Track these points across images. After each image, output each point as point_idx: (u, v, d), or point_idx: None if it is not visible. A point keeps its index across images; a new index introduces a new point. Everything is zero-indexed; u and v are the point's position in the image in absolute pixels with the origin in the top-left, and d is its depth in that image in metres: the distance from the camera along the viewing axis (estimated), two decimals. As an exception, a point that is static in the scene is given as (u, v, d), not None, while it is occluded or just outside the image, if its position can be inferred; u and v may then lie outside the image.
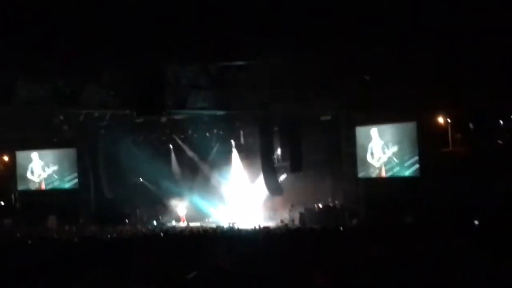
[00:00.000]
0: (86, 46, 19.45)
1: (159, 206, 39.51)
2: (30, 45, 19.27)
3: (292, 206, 35.51)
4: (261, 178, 34.54)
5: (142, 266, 9.87)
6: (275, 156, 34.63)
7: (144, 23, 18.33)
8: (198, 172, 39.70)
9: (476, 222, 20.31)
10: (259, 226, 30.07)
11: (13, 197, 39.70)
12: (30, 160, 39.34)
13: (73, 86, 26.04)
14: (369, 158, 31.48)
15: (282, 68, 26.93)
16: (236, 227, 30.53)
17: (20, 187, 39.35)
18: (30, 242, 20.82)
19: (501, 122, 28.70)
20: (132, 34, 18.72)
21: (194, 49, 19.86)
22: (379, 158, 31.11)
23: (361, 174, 31.78)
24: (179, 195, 39.08)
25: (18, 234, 27.90)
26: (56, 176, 38.80)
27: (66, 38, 18.95)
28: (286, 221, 34.20)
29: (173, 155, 40.23)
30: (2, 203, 40.38)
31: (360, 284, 7.97)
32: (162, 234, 24.46)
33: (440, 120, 29.74)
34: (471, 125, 28.87)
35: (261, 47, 19.65)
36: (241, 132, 38.58)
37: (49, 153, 39.04)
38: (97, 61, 22.16)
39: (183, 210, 38.80)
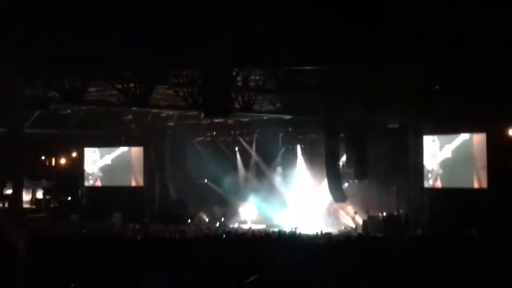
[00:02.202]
0: (156, 47, 19.66)
1: (223, 207, 39.70)
2: (103, 46, 19.57)
3: (356, 213, 35.29)
4: (325, 184, 34.38)
5: (202, 268, 9.93)
6: (340, 163, 34.42)
7: (215, 25, 18.44)
8: (262, 175, 39.77)
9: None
10: (321, 232, 29.95)
11: (80, 193, 40.41)
12: (98, 157, 39.95)
13: (143, 86, 26.40)
14: (436, 168, 31.06)
15: (350, 74, 26.78)
16: (298, 232, 30.45)
17: (87, 183, 40.00)
18: (95, 238, 21.13)
19: None
20: (203, 36, 18.85)
21: (263, 53, 19.89)
22: (447, 168, 30.67)
23: (427, 184, 31.37)
24: (243, 197, 39.22)
25: (84, 230, 28.36)
26: (122, 174, 39.31)
27: (137, 38, 19.18)
28: (348, 229, 34.02)
29: (238, 157, 40.41)
30: (70, 199, 41.16)
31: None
32: (224, 236, 24.59)
33: (510, 132, 29.17)
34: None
35: (332, 54, 19.54)
36: (307, 137, 38.53)
37: (117, 151, 39.59)
38: (167, 63, 22.38)
39: (246, 212, 38.91)
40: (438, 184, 30.78)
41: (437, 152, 30.87)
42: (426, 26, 17.66)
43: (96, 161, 39.70)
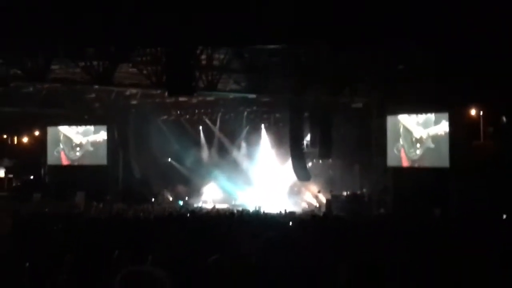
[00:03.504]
0: (120, 26, 19.48)
1: (187, 186, 39.67)
2: (65, 23, 19.35)
3: (319, 192, 35.47)
4: (289, 163, 34.50)
5: (165, 247, 9.88)
6: (305, 142, 34.51)
7: (178, 3, 18.32)
8: (226, 154, 39.77)
9: (504, 217, 20.10)
10: (285, 211, 30.04)
11: (42, 172, 40.05)
12: (61, 136, 39.61)
13: (107, 64, 26.14)
14: (399, 148, 31.27)
15: (315, 54, 26.81)
16: (262, 211, 30.51)
17: (50, 162, 39.66)
18: (57, 218, 20.95)
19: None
20: (166, 15, 18.71)
21: (227, 31, 19.80)
22: (409, 148, 30.89)
23: (390, 164, 31.58)
24: (207, 176, 39.19)
25: (46, 209, 28.11)
26: (85, 153, 39.03)
27: (100, 17, 18.99)
28: (312, 207, 34.17)
29: (202, 136, 40.33)
30: (32, 178, 40.78)
31: (382, 275, 7.90)
32: (188, 215, 24.52)
33: (472, 112, 29.41)
34: (503, 119, 28.51)
35: (295, 33, 19.53)
36: (272, 116, 38.55)
37: (80, 130, 39.27)
38: (131, 41, 22.20)
39: (210, 191, 38.92)
40: (412, 164, 30.84)
41: (409, 133, 30.91)
42: (390, 9, 17.72)
43: (68, 141, 39.42)
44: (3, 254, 10.70)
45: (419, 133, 30.43)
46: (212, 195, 38.83)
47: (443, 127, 29.42)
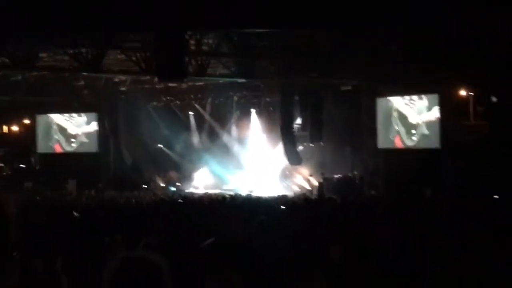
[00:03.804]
0: (108, 12, 19.39)
1: (178, 172, 39.68)
2: (52, 9, 19.24)
3: (311, 175, 35.52)
4: (280, 147, 34.53)
5: (159, 232, 9.89)
6: (295, 126, 34.53)
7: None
8: (217, 139, 39.76)
9: (496, 197, 20.16)
10: (277, 194, 30.07)
11: (33, 160, 39.97)
12: (51, 124, 39.52)
13: (95, 51, 26.05)
14: (389, 129, 31.32)
15: (304, 37, 26.78)
16: (253, 195, 30.55)
17: (40, 150, 39.57)
18: (49, 205, 20.92)
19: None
20: (154, 0, 18.65)
21: (216, 15, 19.74)
22: (400, 129, 30.92)
23: (381, 146, 31.64)
24: (198, 161, 39.21)
25: (38, 197, 28.03)
26: (76, 140, 38.96)
27: (88, 3, 18.91)
28: (304, 191, 34.22)
29: (192, 122, 40.30)
30: (22, 166, 40.68)
31: (375, 256, 7.94)
32: (180, 201, 24.51)
33: (462, 93, 29.46)
34: (493, 99, 28.58)
35: (284, 16, 19.48)
36: (262, 100, 38.54)
37: (70, 117, 39.17)
38: (119, 27, 22.11)
39: (202, 177, 38.95)
40: (403, 146, 30.79)
41: (399, 114, 30.89)
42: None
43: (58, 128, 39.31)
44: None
45: (414, 119, 30.38)
46: (203, 181, 38.86)
47: (435, 112, 29.39)
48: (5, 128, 44.39)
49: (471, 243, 8.81)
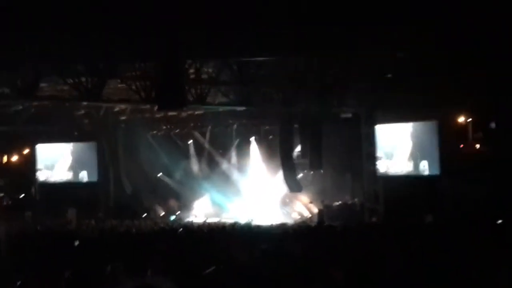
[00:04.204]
0: (108, 41, 19.52)
1: (178, 201, 39.65)
2: (54, 40, 19.37)
3: (311, 203, 35.49)
4: (280, 175, 34.54)
5: (159, 261, 9.88)
6: (295, 153, 34.58)
7: (166, 17, 18.37)
8: (217, 167, 39.78)
9: (499, 221, 20.15)
10: (277, 222, 30.06)
11: (33, 189, 39.92)
12: (50, 153, 39.51)
13: (95, 80, 26.15)
14: (389, 156, 31.34)
15: (303, 65, 26.92)
16: (253, 223, 30.52)
17: (40, 179, 39.52)
18: (50, 235, 20.93)
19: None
20: (154, 29, 18.76)
21: (215, 44, 19.87)
22: (400, 156, 30.96)
23: (380, 173, 31.64)
24: (197, 190, 39.19)
25: (38, 227, 28.01)
26: (76, 169, 38.92)
27: (89, 32, 19.02)
28: (304, 218, 34.19)
29: (192, 150, 40.35)
30: (23, 196, 40.63)
31: (377, 282, 7.95)
32: (180, 229, 24.49)
33: (461, 119, 29.57)
34: (492, 125, 28.67)
35: (284, 45, 19.61)
36: (261, 128, 38.62)
37: (70, 146, 39.17)
38: (119, 56, 22.23)
39: (201, 205, 38.91)
40: (403, 172, 30.78)
41: (399, 141, 30.92)
42: (376, 17, 17.81)
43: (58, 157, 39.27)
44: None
45: (410, 143, 30.44)
46: (203, 209, 38.82)
47: (433, 135, 29.45)
48: (5, 158, 44.39)
49: (472, 268, 8.81)
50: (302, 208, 36.26)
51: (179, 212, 38.68)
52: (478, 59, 22.07)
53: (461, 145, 29.48)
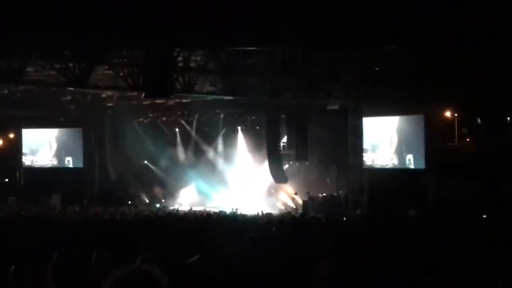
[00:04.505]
0: (96, 27, 19.44)
1: (163, 189, 39.61)
2: (41, 24, 19.26)
3: (296, 194, 35.53)
4: (266, 165, 34.56)
5: (144, 249, 9.88)
6: (281, 144, 34.61)
7: (155, 5, 18.32)
8: (203, 156, 39.74)
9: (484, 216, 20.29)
10: (262, 212, 30.10)
11: (17, 174, 39.76)
12: (36, 138, 39.37)
13: (83, 66, 26.04)
14: (375, 149, 31.41)
15: (291, 56, 26.91)
16: (239, 212, 30.54)
17: (25, 165, 39.38)
18: (33, 221, 20.85)
19: (508, 118, 28.66)
20: (143, 16, 18.70)
21: (204, 33, 19.84)
22: (385, 149, 31.04)
23: (366, 165, 31.71)
24: (183, 178, 39.16)
25: (22, 212, 27.95)
26: (61, 155, 38.81)
27: (77, 18, 18.93)
28: (289, 209, 34.24)
29: (179, 138, 40.29)
30: (7, 180, 40.46)
31: (360, 274, 7.99)
32: (165, 217, 24.50)
33: (448, 114, 29.67)
34: (478, 120, 28.81)
35: (271, 35, 19.60)
36: (248, 118, 38.60)
37: (55, 132, 39.04)
38: (107, 43, 22.15)
39: (187, 194, 38.90)
40: (388, 166, 30.88)
41: (385, 134, 31.00)
42: (365, 11, 17.83)
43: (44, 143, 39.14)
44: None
45: (395, 136, 30.52)
46: (188, 198, 38.80)
47: (420, 129, 29.54)
48: (-10, 142, 44.16)
49: (456, 262, 8.86)
50: (287, 198, 36.31)
51: (164, 200, 38.65)
52: (467, 56, 22.17)
53: (447, 140, 29.56)
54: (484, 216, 20.41)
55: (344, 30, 18.17)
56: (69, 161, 38.61)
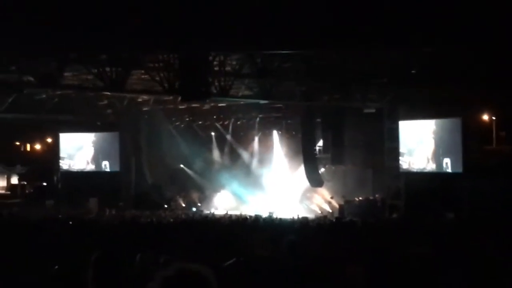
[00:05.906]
0: (133, 32, 19.56)
1: (199, 192, 39.73)
2: (79, 29, 19.43)
3: (332, 198, 35.43)
4: (302, 169, 34.50)
5: (180, 252, 9.92)
6: (317, 148, 34.54)
7: (191, 9, 18.38)
8: (238, 160, 39.81)
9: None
10: (298, 216, 30.03)
11: (55, 178, 40.17)
12: (73, 143, 39.75)
13: (119, 71, 26.20)
14: (411, 153, 31.22)
15: (327, 59, 26.82)
16: (274, 216, 30.52)
17: (62, 169, 39.78)
18: (71, 223, 21.04)
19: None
20: (179, 21, 18.77)
21: (239, 37, 19.85)
22: (422, 153, 30.82)
23: (403, 169, 31.52)
24: (218, 182, 39.24)
25: (59, 216, 28.19)
26: (98, 159, 39.14)
27: (114, 22, 19.06)
28: (325, 213, 34.15)
29: (214, 142, 40.41)
30: (45, 184, 40.92)
31: (395, 279, 7.92)
32: (201, 221, 24.56)
33: (485, 117, 29.37)
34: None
35: (307, 38, 19.54)
36: (284, 122, 38.59)
37: (92, 136, 39.39)
38: (144, 47, 22.27)
39: (222, 197, 38.97)
40: (425, 169, 30.67)
41: (422, 138, 30.78)
42: (401, 11, 17.70)
43: (81, 147, 39.55)
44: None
45: (432, 139, 30.27)
46: (224, 201, 38.86)
47: (457, 133, 29.27)
48: (28, 147, 44.73)
49: (495, 268, 8.75)
50: (323, 202, 36.21)
51: (200, 204, 38.77)
52: (506, 58, 21.92)
53: (485, 144, 29.27)
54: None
55: (380, 31, 18.05)
56: (106, 165, 38.93)
